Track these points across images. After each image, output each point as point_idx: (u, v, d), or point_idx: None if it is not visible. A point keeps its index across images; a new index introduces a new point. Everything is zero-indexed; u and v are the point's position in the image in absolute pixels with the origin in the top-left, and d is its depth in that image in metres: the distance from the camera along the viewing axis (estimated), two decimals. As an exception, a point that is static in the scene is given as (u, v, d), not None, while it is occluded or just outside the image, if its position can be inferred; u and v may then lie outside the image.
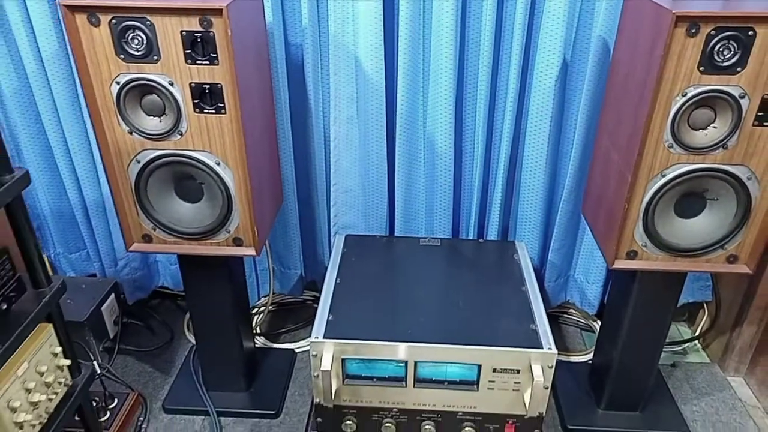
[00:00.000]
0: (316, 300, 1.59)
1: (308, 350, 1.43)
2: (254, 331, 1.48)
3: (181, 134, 0.94)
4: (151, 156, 0.97)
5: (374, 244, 1.28)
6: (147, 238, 1.05)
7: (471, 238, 1.37)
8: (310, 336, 1.38)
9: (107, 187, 1.30)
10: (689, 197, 0.97)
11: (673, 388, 1.34)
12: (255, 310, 1.55)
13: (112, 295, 1.41)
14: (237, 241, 1.04)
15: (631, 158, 0.93)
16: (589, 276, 1.41)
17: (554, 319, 1.55)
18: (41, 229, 1.43)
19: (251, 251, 1.04)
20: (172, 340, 1.48)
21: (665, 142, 0.91)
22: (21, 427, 0.83)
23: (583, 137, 1.23)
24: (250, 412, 1.26)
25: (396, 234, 1.38)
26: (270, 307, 1.54)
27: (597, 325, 1.51)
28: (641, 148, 0.91)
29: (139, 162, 0.97)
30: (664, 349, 1.42)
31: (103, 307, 1.37)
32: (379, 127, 1.26)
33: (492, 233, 1.35)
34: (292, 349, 1.44)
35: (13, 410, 0.82)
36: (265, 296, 1.51)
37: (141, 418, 1.24)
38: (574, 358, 1.43)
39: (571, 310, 1.55)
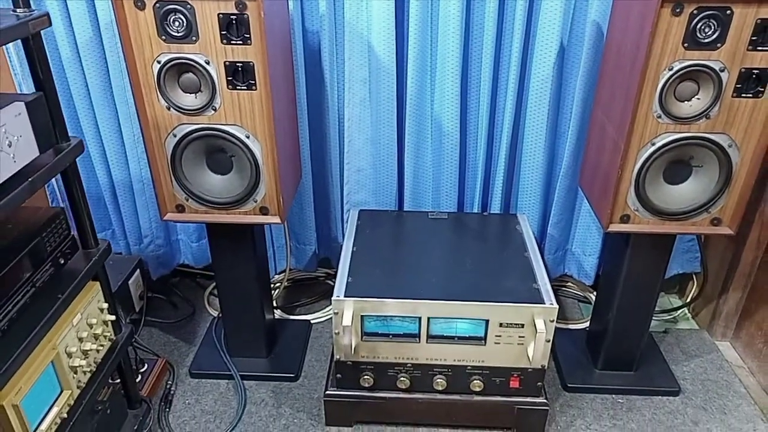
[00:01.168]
0: (329, 276, 1.68)
1: (324, 321, 1.53)
2: (273, 304, 1.57)
3: (215, 109, 1.03)
4: (187, 130, 1.06)
5: (386, 218, 1.38)
6: (180, 208, 1.14)
7: (475, 211, 1.46)
8: (325, 309, 1.48)
9: (134, 167, 1.40)
10: (676, 164, 1.07)
11: (664, 351, 1.44)
12: (273, 286, 1.63)
13: (138, 271, 1.50)
14: (263, 210, 1.13)
15: (623, 128, 1.03)
16: (586, 248, 1.51)
17: (553, 292, 1.65)
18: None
19: (276, 219, 1.13)
20: (194, 314, 1.56)
21: (654, 113, 1.01)
22: (75, 372, 0.92)
23: (580, 117, 1.32)
24: (272, 376, 1.35)
25: (405, 209, 1.47)
26: (286, 283, 1.63)
27: (593, 296, 1.60)
28: (633, 118, 1.01)
29: (175, 136, 1.06)
30: (656, 317, 1.53)
31: (129, 282, 1.46)
32: (390, 108, 1.36)
33: (495, 207, 1.44)
34: (308, 320, 1.53)
35: (69, 355, 0.91)
36: (281, 272, 1.59)
37: (169, 382, 1.33)
38: (572, 326, 1.53)
39: (569, 283, 1.65)
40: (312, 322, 1.53)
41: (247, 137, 1.06)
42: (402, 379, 1.16)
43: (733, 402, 1.31)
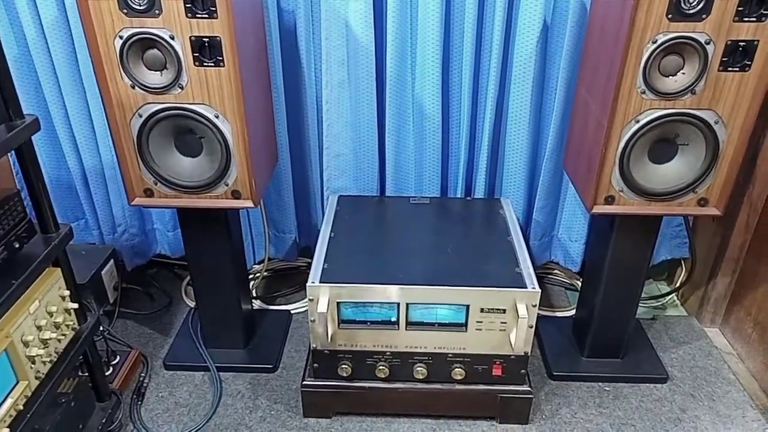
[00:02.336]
0: (310, 266, 1.63)
1: (304, 311, 1.49)
2: (251, 294, 1.53)
3: (182, 87, 0.99)
4: (153, 110, 1.01)
5: (366, 203, 1.34)
6: (149, 193, 1.09)
7: (459, 196, 1.43)
8: (305, 299, 1.43)
9: (106, 153, 1.36)
10: (662, 143, 1.04)
11: (652, 338, 1.40)
12: (252, 276, 1.59)
13: (111, 261, 1.45)
14: (235, 194, 1.09)
15: (607, 105, 0.99)
16: (572, 234, 1.48)
17: (539, 279, 1.60)
18: (40, 198, 1.47)
19: (249, 203, 1.09)
20: (170, 305, 1.52)
21: (638, 88, 0.97)
22: (33, 362, 0.88)
23: (564, 97, 1.29)
24: (249, 367, 1.31)
25: (387, 195, 1.43)
26: (265, 273, 1.59)
27: (580, 283, 1.57)
28: (616, 94, 0.97)
29: (141, 116, 1.02)
30: (644, 304, 1.50)
31: (102, 272, 1.41)
32: (370, 90, 1.32)
33: (479, 192, 1.40)
34: (288, 311, 1.49)
35: (26, 344, 0.86)
36: (260, 261, 1.55)
37: (143, 374, 1.29)
38: (558, 313, 1.49)
39: (556, 271, 1.62)
40: (292, 312, 1.49)
41: (216, 117, 1.02)
42: (381, 368, 1.13)
43: (722, 389, 1.28)
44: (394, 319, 1.08)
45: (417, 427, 1.18)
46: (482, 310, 1.06)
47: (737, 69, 0.95)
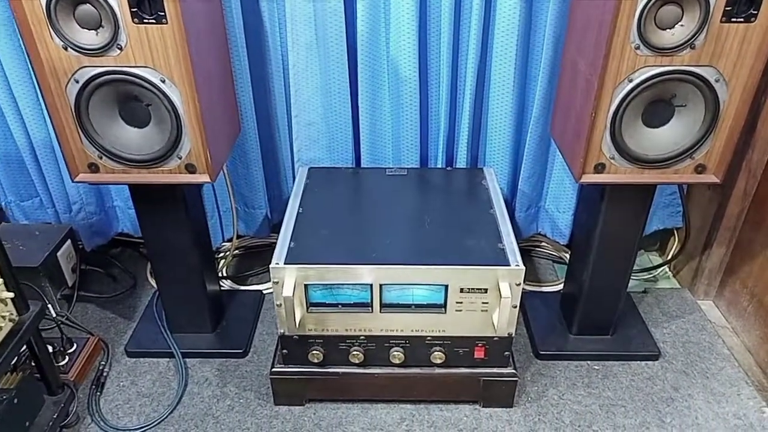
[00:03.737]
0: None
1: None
2: (220, 274, 1.44)
3: (121, 48, 0.88)
4: (91, 74, 0.90)
5: (338, 176, 1.24)
6: (93, 168, 0.99)
7: (440, 167, 1.33)
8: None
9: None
10: (657, 105, 0.94)
11: (643, 312, 1.34)
12: (221, 255, 1.50)
13: (68, 241, 1.35)
14: (190, 168, 0.99)
15: (597, 62, 0.89)
16: (560, 205, 1.39)
17: (526, 253, 1.54)
18: (-11, 175, 1.36)
19: (205, 178, 0.99)
20: (135, 286, 1.43)
21: (632, 43, 0.87)
22: (-38, 359, 0.79)
23: (552, 57, 1.18)
24: (217, 352, 1.23)
25: (363, 166, 1.34)
26: (236, 250, 1.50)
27: (568, 256, 1.49)
28: (608, 50, 0.87)
29: (77, 81, 0.91)
30: (635, 277, 1.43)
31: (59, 254, 1.31)
32: (340, 52, 1.21)
33: (461, 161, 1.31)
34: (260, 291, 1.40)
35: (-49, 340, 0.77)
36: (230, 239, 1.46)
37: (102, 363, 1.20)
38: (545, 288, 1.42)
39: (543, 243, 1.54)
40: (264, 292, 1.40)
41: (163, 81, 0.91)
42: (355, 353, 1.05)
43: (716, 365, 1.21)
44: (367, 301, 1.00)
45: (395, 412, 1.11)
46: (462, 290, 0.98)
47: (741, 20, 0.85)
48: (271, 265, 0.97)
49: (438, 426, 1.09)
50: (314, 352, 1.05)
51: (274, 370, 1.08)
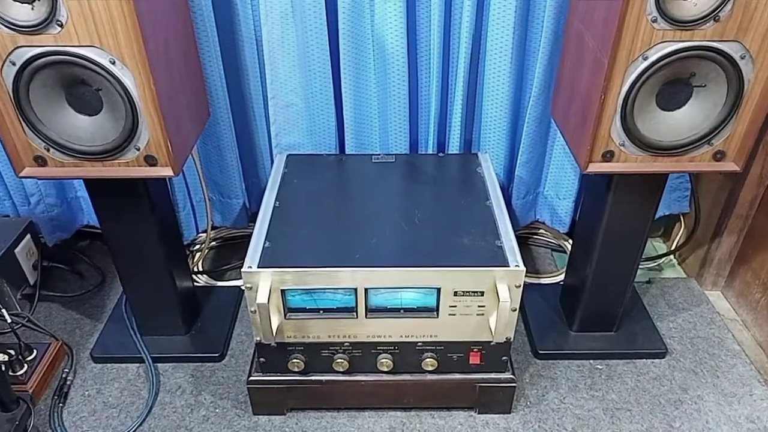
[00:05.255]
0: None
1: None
2: (196, 269, 1.34)
3: (61, 25, 0.76)
4: (29, 55, 0.78)
5: (319, 163, 1.13)
6: (40, 161, 0.88)
7: (431, 152, 1.23)
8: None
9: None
10: (673, 85, 0.84)
11: (648, 305, 1.25)
12: (197, 247, 1.40)
13: (28, 236, 1.24)
14: (150, 160, 0.88)
15: (608, 37, 0.78)
16: (560, 191, 1.30)
17: (523, 241, 1.45)
18: (-64, 165, 1.24)
19: (167, 171, 0.88)
20: (103, 283, 1.33)
21: (648, 15, 0.76)
22: None
23: (553, 30, 1.07)
24: (191, 356, 1.14)
25: (347, 152, 1.23)
26: (212, 243, 1.40)
27: (568, 244, 1.41)
28: (620, 24, 0.76)
29: (14, 64, 0.79)
30: (639, 266, 1.33)
31: (16, 250, 1.21)
32: (319, 24, 1.08)
33: (454, 146, 1.21)
34: (239, 287, 1.30)
35: None
36: (204, 231, 1.35)
37: (66, 370, 1.11)
38: (544, 280, 1.33)
39: (541, 230, 1.45)
40: (243, 288, 1.30)
41: (112, 63, 0.79)
42: (339, 360, 0.96)
43: (726, 362, 1.14)
44: (351, 306, 0.90)
45: (384, 421, 1.03)
46: (456, 294, 0.89)
47: (774, -13, 0.75)
48: (243, 269, 0.87)
49: (430, 435, 1.01)
50: (294, 360, 0.96)
51: (251, 379, 0.99)
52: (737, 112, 0.84)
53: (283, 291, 0.88)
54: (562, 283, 1.25)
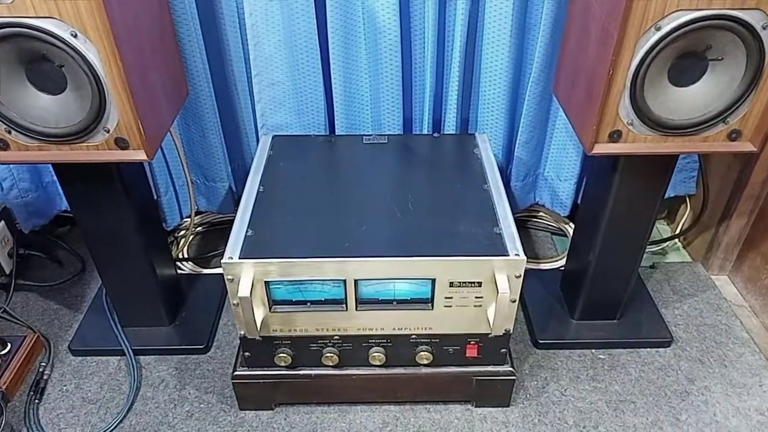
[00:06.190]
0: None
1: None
2: (181, 256, 1.28)
3: (15, -6, 0.69)
4: (-20, 28, 0.71)
5: (307, 145, 1.07)
6: (2, 145, 0.81)
7: (425, 133, 1.16)
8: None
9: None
10: (687, 58, 0.77)
11: (653, 291, 1.20)
12: (182, 233, 1.34)
13: (2, 223, 1.18)
14: (120, 143, 0.81)
15: (618, 6, 0.72)
16: (561, 172, 1.23)
17: (522, 224, 1.39)
18: None
19: (140, 155, 0.82)
20: (84, 271, 1.27)
21: (663, -19, 0.69)
22: None
23: (556, 0, 1.00)
24: (175, 348, 1.08)
25: (338, 133, 1.16)
26: (198, 228, 1.34)
27: (569, 227, 1.35)
28: (632, -10, 0.69)
29: (-35, 38, 0.72)
30: (642, 250, 1.28)
31: (-11, 238, 1.15)
32: (305, -4, 1.01)
33: (450, 126, 1.14)
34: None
35: None
36: (189, 216, 1.29)
37: (43, 363, 1.05)
38: (544, 266, 1.28)
39: (541, 213, 1.39)
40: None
41: (74, 36, 0.72)
42: (328, 354, 0.90)
43: (734, 351, 1.09)
44: (340, 298, 0.85)
45: (377, 415, 0.98)
46: (452, 284, 0.83)
47: (802, -52, 0.68)
48: (223, 260, 0.81)
49: (425, 430, 0.96)
50: (281, 355, 0.90)
51: (236, 373, 0.94)
52: (756, 88, 0.78)
53: (267, 283, 0.82)
54: (562, 268, 1.20)
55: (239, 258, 0.81)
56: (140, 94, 0.78)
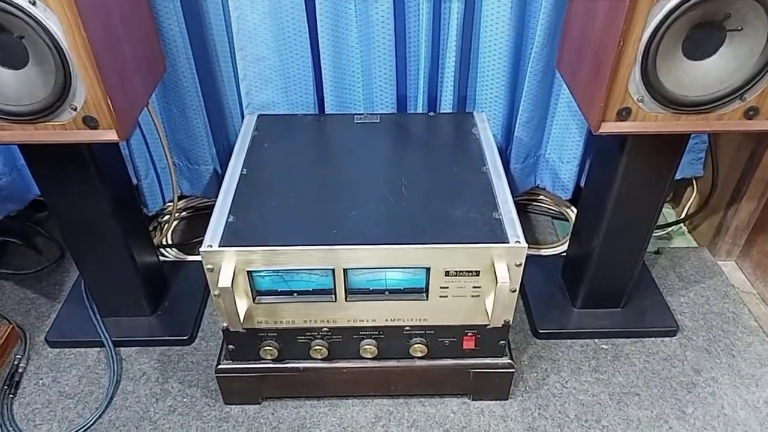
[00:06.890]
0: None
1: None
2: (164, 243, 1.22)
3: (-37, -45, 0.62)
4: (-73, -6, 0.64)
5: (294, 125, 1.00)
6: (-40, 124, 0.75)
7: (420, 111, 1.10)
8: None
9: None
10: (703, 29, 0.71)
11: (657, 278, 1.16)
12: (165, 218, 1.28)
13: (-26, 208, 1.12)
14: (89, 122, 0.75)
15: (630, -31, 0.65)
16: (563, 154, 1.18)
17: (522, 208, 1.34)
18: None
19: (111, 135, 0.75)
20: (62, 258, 1.21)
21: (681, -59, 0.63)
22: None
23: (559, -32, 0.94)
24: (157, 340, 1.03)
25: (328, 112, 1.10)
26: (181, 213, 1.28)
27: (571, 212, 1.29)
28: (646, -48, 0.63)
29: None
30: (647, 235, 1.23)
31: (-39, 224, 1.09)
32: (290, -36, 0.94)
33: (446, 104, 1.08)
34: (211, 261, 1.19)
35: None
36: (171, 201, 1.23)
37: (18, 356, 1.00)
38: (544, 251, 1.23)
39: (541, 197, 1.34)
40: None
41: (32, 3, 0.66)
42: (317, 347, 0.85)
43: (742, 340, 1.05)
44: (329, 288, 0.80)
45: (369, 410, 0.94)
46: (448, 274, 0.78)
47: None
48: (201, 248, 0.75)
49: (420, 425, 0.91)
50: (267, 348, 0.85)
51: (220, 367, 0.89)
52: (777, 61, 0.72)
53: (249, 272, 0.77)
54: (564, 254, 1.15)
55: (219, 246, 0.75)
56: (109, 69, 0.72)
